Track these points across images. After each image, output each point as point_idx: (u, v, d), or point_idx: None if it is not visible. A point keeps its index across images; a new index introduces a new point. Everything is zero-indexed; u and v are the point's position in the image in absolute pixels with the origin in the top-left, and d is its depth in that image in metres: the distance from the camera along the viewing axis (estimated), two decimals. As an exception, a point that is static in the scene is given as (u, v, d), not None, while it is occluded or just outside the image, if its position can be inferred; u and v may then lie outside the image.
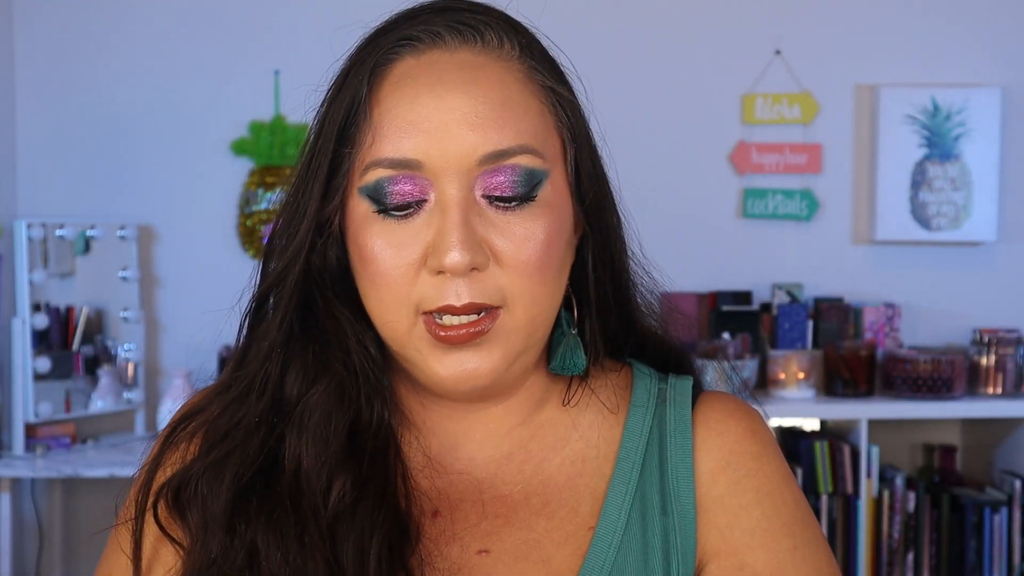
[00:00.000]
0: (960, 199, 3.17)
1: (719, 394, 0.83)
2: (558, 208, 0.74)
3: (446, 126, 0.70)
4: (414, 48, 0.73)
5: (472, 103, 0.71)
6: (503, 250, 0.71)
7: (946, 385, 2.93)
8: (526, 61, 0.75)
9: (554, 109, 0.75)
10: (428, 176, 0.70)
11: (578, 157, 0.76)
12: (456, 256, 0.69)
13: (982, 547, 2.95)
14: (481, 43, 0.74)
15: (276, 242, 0.78)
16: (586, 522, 0.77)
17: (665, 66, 3.19)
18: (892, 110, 3.16)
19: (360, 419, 0.76)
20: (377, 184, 0.71)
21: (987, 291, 3.23)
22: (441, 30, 0.73)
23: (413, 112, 0.71)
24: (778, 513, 0.76)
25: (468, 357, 0.72)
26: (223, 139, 3.13)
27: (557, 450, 0.80)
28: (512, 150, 0.71)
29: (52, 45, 3.12)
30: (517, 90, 0.73)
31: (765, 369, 3.05)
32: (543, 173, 0.72)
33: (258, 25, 3.15)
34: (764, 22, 3.19)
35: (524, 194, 0.72)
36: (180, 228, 3.16)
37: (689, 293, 3.11)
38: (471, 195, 0.71)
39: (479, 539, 0.76)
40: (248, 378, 0.77)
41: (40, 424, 2.89)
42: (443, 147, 0.70)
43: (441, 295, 0.70)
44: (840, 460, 2.91)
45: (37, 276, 2.88)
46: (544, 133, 0.74)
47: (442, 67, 0.72)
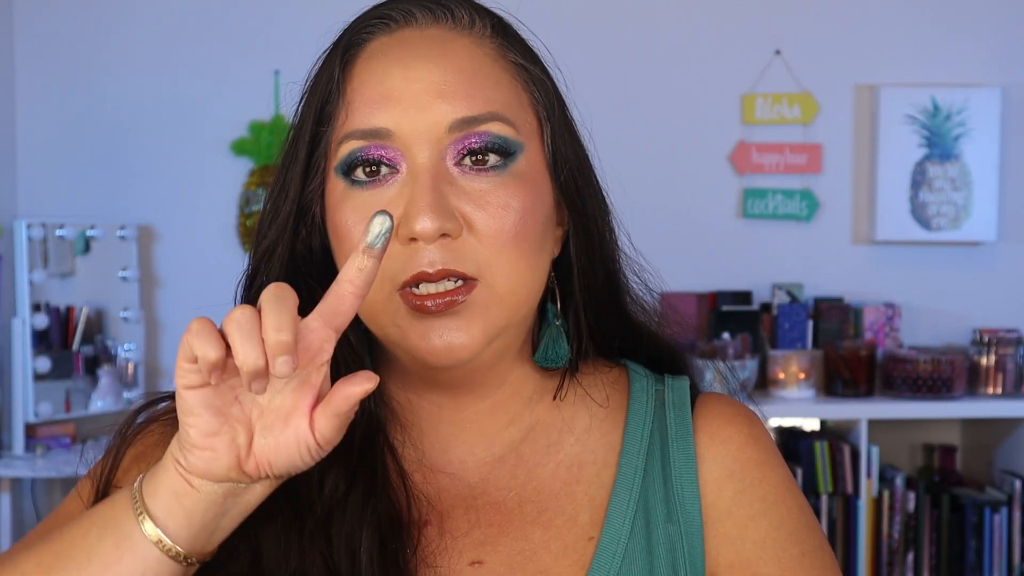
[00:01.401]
0: (960, 199, 3.17)
1: (717, 397, 0.82)
2: (534, 183, 0.73)
3: (414, 95, 0.70)
4: (387, 27, 0.74)
5: (441, 72, 0.71)
6: (476, 219, 0.70)
7: (946, 385, 2.93)
8: (497, 39, 0.75)
9: (527, 86, 0.75)
10: (399, 146, 0.70)
11: (554, 136, 0.75)
12: (427, 222, 0.67)
13: (982, 547, 2.95)
14: (452, 20, 0.75)
15: (263, 225, 0.78)
16: (586, 532, 0.75)
17: (665, 66, 3.19)
18: (892, 110, 3.16)
19: None
20: (350, 156, 0.71)
21: (987, 291, 3.23)
22: (413, 8, 0.75)
23: (383, 84, 0.71)
24: (784, 522, 0.76)
25: (447, 328, 0.70)
26: (223, 139, 3.13)
27: (551, 454, 0.79)
28: (482, 116, 0.71)
29: (52, 45, 3.12)
30: (487, 63, 0.73)
31: (765, 369, 3.05)
32: (516, 144, 0.72)
33: (258, 25, 3.15)
34: (764, 22, 3.19)
35: (497, 152, 0.71)
36: (180, 228, 3.16)
37: (689, 293, 3.11)
38: (442, 164, 0.70)
39: (472, 549, 0.75)
40: None
41: (40, 424, 2.89)
42: (412, 116, 0.70)
43: (414, 263, 0.69)
44: (840, 460, 2.91)
45: (37, 276, 2.88)
46: (517, 107, 0.73)
47: (412, 42, 0.73)
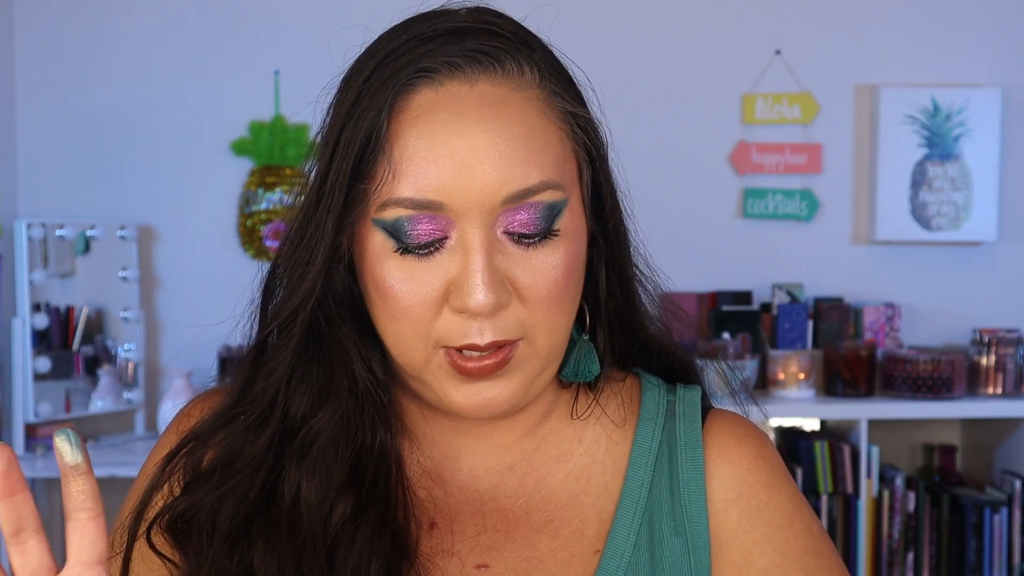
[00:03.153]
0: (960, 199, 3.17)
1: (730, 415, 0.82)
2: (576, 235, 0.73)
3: (468, 165, 0.68)
4: (432, 80, 0.70)
5: (495, 140, 0.68)
6: (525, 285, 0.70)
7: (946, 385, 2.93)
8: (546, 87, 0.72)
9: (572, 132, 0.73)
10: (449, 215, 0.68)
11: (596, 177, 0.75)
12: (481, 298, 0.67)
13: (982, 547, 2.95)
14: (501, 72, 0.71)
15: (282, 272, 0.75)
16: (592, 545, 0.76)
17: (665, 66, 3.19)
18: (892, 110, 3.16)
19: (363, 446, 0.75)
20: (397, 223, 0.69)
21: (987, 291, 3.23)
22: (459, 60, 0.70)
23: (434, 150, 0.68)
24: (790, 547, 0.76)
25: (487, 386, 0.71)
26: (223, 139, 3.13)
27: (561, 464, 0.79)
28: (535, 188, 0.69)
29: (52, 45, 3.12)
30: (538, 120, 0.71)
31: (765, 369, 3.05)
32: (563, 203, 0.71)
33: (258, 25, 3.15)
34: (764, 22, 3.19)
35: (545, 228, 0.70)
36: (180, 228, 3.15)
37: (689, 293, 3.11)
38: (493, 233, 0.69)
39: (478, 553, 0.75)
40: (257, 408, 0.76)
41: (40, 424, 2.88)
42: (465, 187, 0.68)
43: (464, 333, 0.69)
44: (840, 460, 2.91)
45: (37, 276, 2.88)
46: (563, 161, 0.72)
47: (462, 101, 0.69)
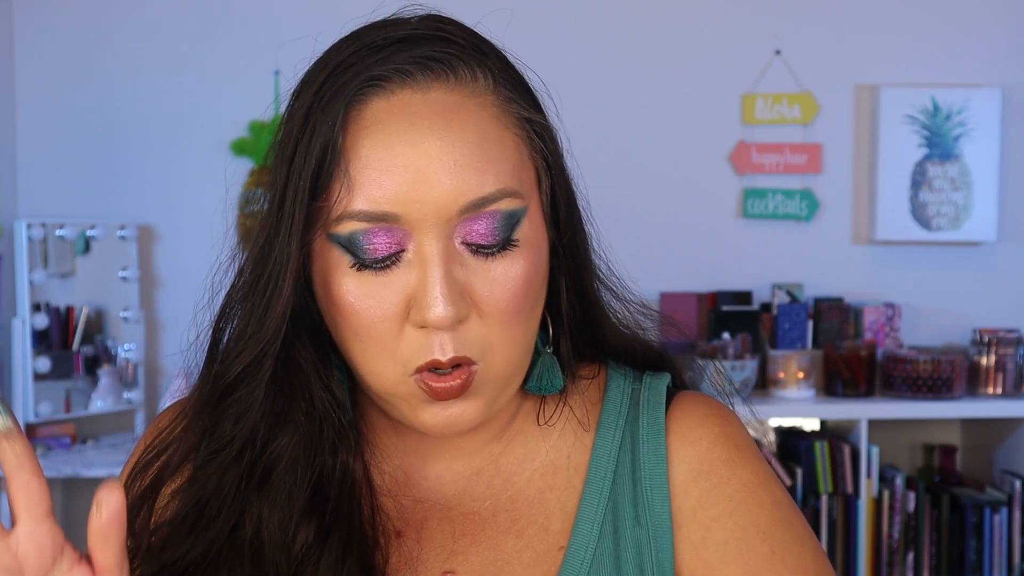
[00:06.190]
0: (960, 199, 3.17)
1: (693, 396, 0.80)
2: (535, 245, 0.71)
3: (423, 175, 0.66)
4: (383, 89, 0.68)
5: (449, 149, 0.66)
6: (483, 297, 0.69)
7: (946, 385, 2.93)
8: (501, 92, 0.70)
9: (529, 139, 0.72)
10: (406, 227, 0.67)
11: (553, 184, 0.74)
12: (441, 311, 0.66)
13: (982, 547, 2.95)
14: (454, 79, 0.69)
15: (240, 294, 0.73)
16: (557, 541, 0.75)
17: (665, 66, 3.19)
18: (892, 110, 3.16)
19: (324, 469, 0.73)
20: (352, 237, 0.67)
21: (987, 291, 3.23)
22: (410, 68, 0.68)
23: (387, 161, 0.66)
24: (753, 520, 0.73)
25: (452, 403, 0.70)
26: (223, 139, 3.13)
27: (527, 462, 0.78)
28: (492, 196, 0.67)
29: (52, 45, 3.12)
30: (493, 127, 0.69)
31: (765, 369, 3.05)
32: (521, 212, 0.69)
33: (258, 25, 3.15)
34: (764, 22, 3.19)
35: (504, 239, 0.69)
36: (180, 228, 3.15)
37: (689, 293, 3.11)
38: (451, 244, 0.68)
39: (444, 559, 0.75)
40: (229, 450, 0.73)
41: (40, 424, 2.89)
42: (421, 198, 0.66)
43: (427, 350, 0.68)
44: (840, 460, 2.91)
45: (37, 276, 2.88)
46: (520, 168, 0.70)
47: (415, 110, 0.67)
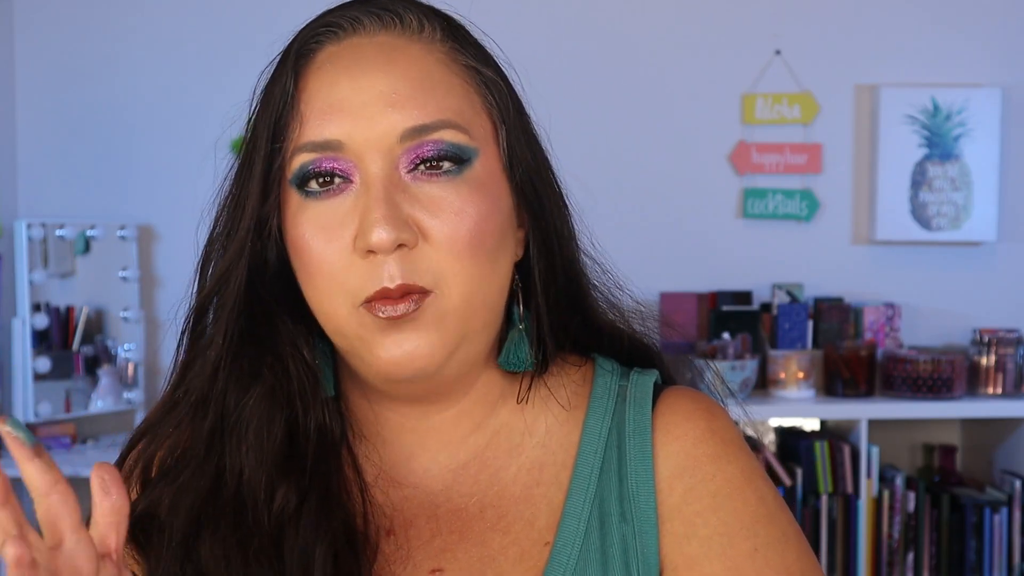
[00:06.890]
0: (960, 199, 3.17)
1: (680, 392, 0.79)
2: (490, 188, 0.72)
3: (364, 105, 0.69)
4: (335, 36, 0.73)
5: (391, 81, 0.70)
6: (431, 227, 0.69)
7: (946, 385, 2.93)
8: (448, 43, 0.74)
9: (480, 89, 0.74)
10: (351, 157, 0.70)
11: (510, 138, 0.74)
12: (383, 234, 0.67)
13: (982, 547, 2.95)
14: (400, 26, 0.73)
15: (215, 246, 0.77)
16: (542, 537, 0.75)
17: (665, 66, 3.19)
18: (892, 110, 3.16)
19: (297, 426, 0.74)
20: (301, 168, 0.71)
21: (987, 291, 3.23)
22: (360, 15, 0.74)
23: (333, 95, 0.70)
24: (737, 516, 0.72)
25: (405, 337, 0.69)
26: (223, 139, 3.12)
27: (513, 457, 0.78)
28: (434, 124, 0.70)
29: (52, 45, 3.12)
30: (438, 69, 0.72)
31: (765, 369, 3.05)
32: (471, 150, 0.71)
33: (258, 25, 3.15)
34: (764, 22, 3.19)
35: (451, 159, 0.70)
36: (180, 228, 3.15)
37: (689, 293, 3.11)
38: (396, 173, 0.69)
39: (432, 557, 0.75)
40: (195, 392, 0.76)
41: (40, 424, 2.89)
42: (363, 126, 0.69)
43: (375, 279, 0.68)
44: (840, 460, 2.91)
45: (37, 276, 2.88)
46: (470, 113, 0.72)
47: (361, 50, 0.72)
